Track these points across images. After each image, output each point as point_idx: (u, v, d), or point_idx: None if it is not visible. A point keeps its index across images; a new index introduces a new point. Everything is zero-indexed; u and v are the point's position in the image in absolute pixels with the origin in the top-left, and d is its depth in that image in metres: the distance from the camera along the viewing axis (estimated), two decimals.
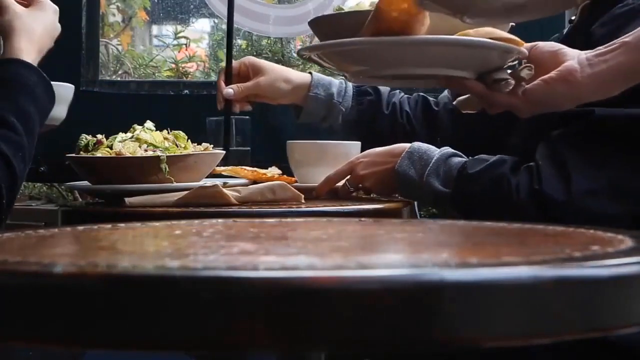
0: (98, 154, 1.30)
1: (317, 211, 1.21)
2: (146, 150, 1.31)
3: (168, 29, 3.19)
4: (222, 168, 1.44)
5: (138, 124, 1.36)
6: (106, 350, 0.45)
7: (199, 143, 1.38)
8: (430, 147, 1.32)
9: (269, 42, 2.88)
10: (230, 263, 0.52)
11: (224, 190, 1.22)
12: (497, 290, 0.45)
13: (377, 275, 0.44)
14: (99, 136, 1.34)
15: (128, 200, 1.23)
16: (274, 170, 1.44)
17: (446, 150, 1.30)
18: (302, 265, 0.51)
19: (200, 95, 2.33)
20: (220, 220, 0.86)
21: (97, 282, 0.44)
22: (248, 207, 1.21)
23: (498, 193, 1.20)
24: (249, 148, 1.71)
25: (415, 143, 1.33)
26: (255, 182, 1.38)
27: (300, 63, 2.67)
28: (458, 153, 1.30)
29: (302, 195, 1.29)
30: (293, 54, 2.84)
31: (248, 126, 1.72)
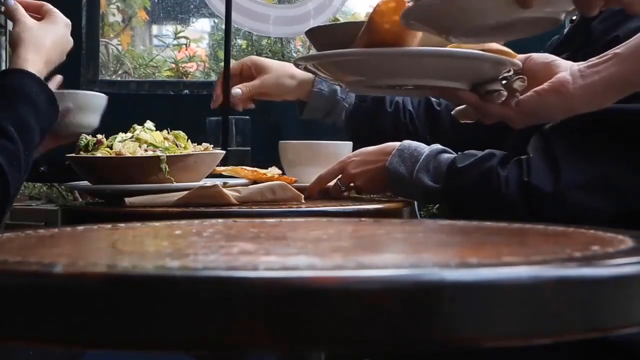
0: (98, 154, 1.30)
1: (317, 211, 1.22)
2: (146, 150, 1.31)
3: (168, 29, 3.19)
4: (222, 168, 1.44)
5: (138, 124, 1.37)
6: (106, 350, 0.45)
7: (199, 143, 1.38)
8: (420, 145, 1.33)
9: (269, 42, 2.88)
10: (230, 263, 0.52)
11: (224, 190, 1.22)
12: (497, 290, 0.45)
13: (377, 275, 0.44)
14: (99, 136, 1.34)
15: (128, 200, 1.23)
16: (274, 170, 1.45)
17: (436, 146, 1.31)
18: (302, 265, 0.51)
19: (200, 95, 2.33)
20: (220, 220, 0.86)
21: (97, 282, 0.44)
22: (248, 207, 1.21)
23: (487, 186, 1.21)
24: (249, 148, 1.71)
25: (405, 141, 1.35)
26: (255, 182, 1.38)
27: None
28: (448, 149, 1.31)
29: (302, 195, 1.29)
30: (293, 54, 2.84)
31: (248, 126, 1.72)
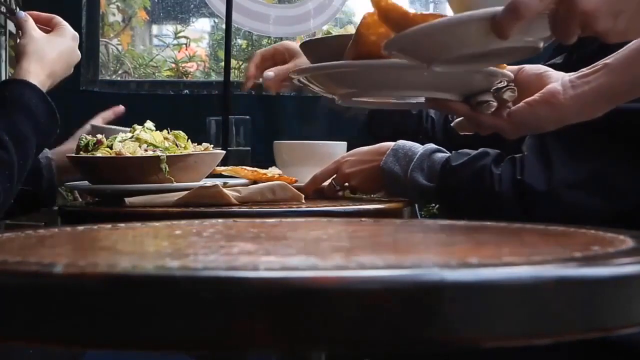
0: (98, 154, 1.30)
1: (318, 211, 1.22)
2: (146, 150, 1.31)
3: (168, 29, 3.19)
4: (222, 168, 1.44)
5: (138, 124, 1.37)
6: (106, 350, 0.45)
7: (199, 143, 1.38)
8: (414, 144, 1.34)
9: (269, 42, 2.88)
10: (230, 263, 0.52)
11: (224, 190, 1.22)
12: (498, 290, 0.45)
13: (377, 275, 0.44)
14: (99, 136, 1.34)
15: (128, 200, 1.23)
16: (274, 170, 1.45)
17: (430, 146, 1.32)
18: (302, 265, 0.51)
19: (200, 95, 2.33)
20: (220, 220, 0.86)
21: (97, 282, 0.44)
22: (248, 207, 1.21)
23: (481, 185, 1.22)
24: (249, 148, 1.71)
25: (400, 141, 1.36)
26: (255, 182, 1.38)
27: None
28: (442, 149, 1.32)
29: (302, 195, 1.29)
30: None
31: (248, 126, 1.72)
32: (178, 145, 1.33)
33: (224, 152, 1.41)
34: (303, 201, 1.28)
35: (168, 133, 1.36)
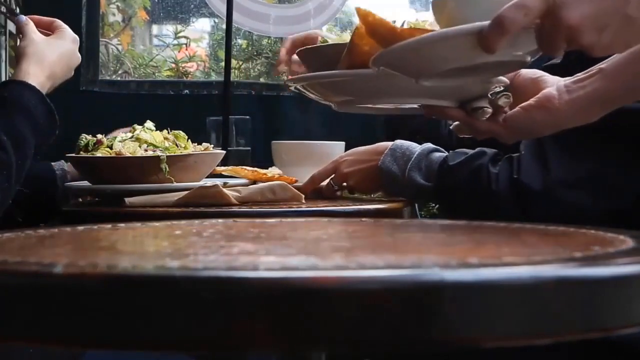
0: (98, 154, 1.30)
1: (318, 211, 1.22)
2: (146, 150, 1.31)
3: (168, 29, 3.19)
4: (222, 168, 1.44)
5: (138, 124, 1.37)
6: (106, 350, 0.45)
7: (199, 143, 1.38)
8: (412, 144, 1.34)
9: (269, 42, 2.88)
10: (230, 263, 0.52)
11: (224, 190, 1.22)
12: (498, 290, 0.45)
13: (377, 275, 0.44)
14: (99, 136, 1.34)
15: (128, 200, 1.23)
16: (274, 170, 1.45)
17: (427, 145, 1.32)
18: (303, 265, 0.51)
19: (200, 95, 2.33)
20: (220, 220, 0.86)
21: (97, 282, 0.44)
22: (248, 207, 1.21)
23: (478, 184, 1.22)
24: (249, 148, 1.71)
25: (397, 141, 1.36)
26: (255, 182, 1.38)
27: None
28: (439, 148, 1.32)
29: (303, 195, 1.29)
30: None
31: (248, 126, 1.72)
32: (178, 145, 1.33)
33: (224, 152, 1.41)
34: (303, 201, 1.28)
35: (168, 133, 1.36)
